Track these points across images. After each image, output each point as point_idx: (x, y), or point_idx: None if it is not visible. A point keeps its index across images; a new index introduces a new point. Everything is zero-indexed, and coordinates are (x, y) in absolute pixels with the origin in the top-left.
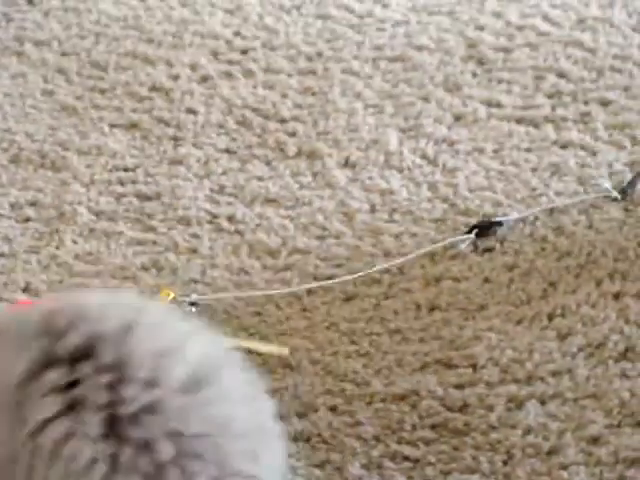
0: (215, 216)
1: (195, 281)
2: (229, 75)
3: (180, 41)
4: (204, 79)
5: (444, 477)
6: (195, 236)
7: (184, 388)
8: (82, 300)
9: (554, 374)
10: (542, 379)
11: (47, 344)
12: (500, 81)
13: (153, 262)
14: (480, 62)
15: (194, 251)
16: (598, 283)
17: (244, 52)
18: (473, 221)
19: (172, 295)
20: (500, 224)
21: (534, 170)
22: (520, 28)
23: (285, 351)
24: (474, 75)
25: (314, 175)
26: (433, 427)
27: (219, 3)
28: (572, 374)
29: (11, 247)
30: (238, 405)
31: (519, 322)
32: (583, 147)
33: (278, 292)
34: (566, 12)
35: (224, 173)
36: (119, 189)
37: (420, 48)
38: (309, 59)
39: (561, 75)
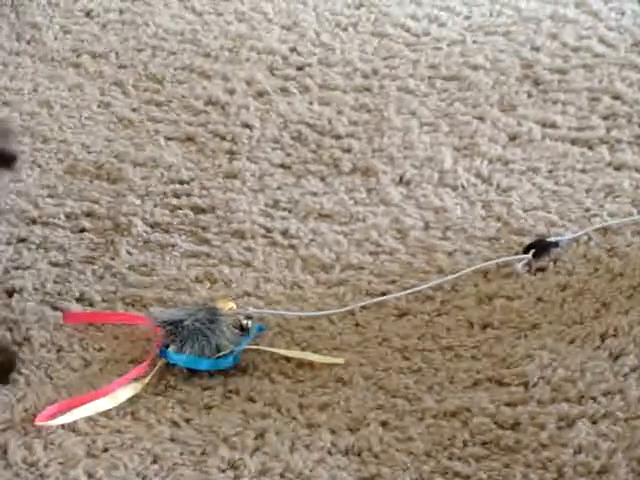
0: (269, 230)
1: (248, 294)
2: (285, 91)
3: (236, 56)
4: (260, 94)
5: None
6: (249, 249)
7: None
8: None
9: (606, 394)
10: (594, 399)
11: None
12: (555, 102)
13: (207, 274)
14: (535, 83)
15: (248, 264)
16: None
17: (300, 68)
18: (527, 240)
19: (231, 305)
20: (556, 244)
21: (588, 191)
22: (576, 50)
23: (340, 360)
24: (529, 95)
25: (368, 191)
26: (484, 444)
27: (276, 19)
28: (624, 394)
29: (66, 257)
30: None
31: (571, 342)
32: (637, 169)
33: (334, 312)
34: (622, 34)
35: (279, 188)
36: (174, 201)
37: (476, 67)
38: (365, 76)
39: (616, 97)
